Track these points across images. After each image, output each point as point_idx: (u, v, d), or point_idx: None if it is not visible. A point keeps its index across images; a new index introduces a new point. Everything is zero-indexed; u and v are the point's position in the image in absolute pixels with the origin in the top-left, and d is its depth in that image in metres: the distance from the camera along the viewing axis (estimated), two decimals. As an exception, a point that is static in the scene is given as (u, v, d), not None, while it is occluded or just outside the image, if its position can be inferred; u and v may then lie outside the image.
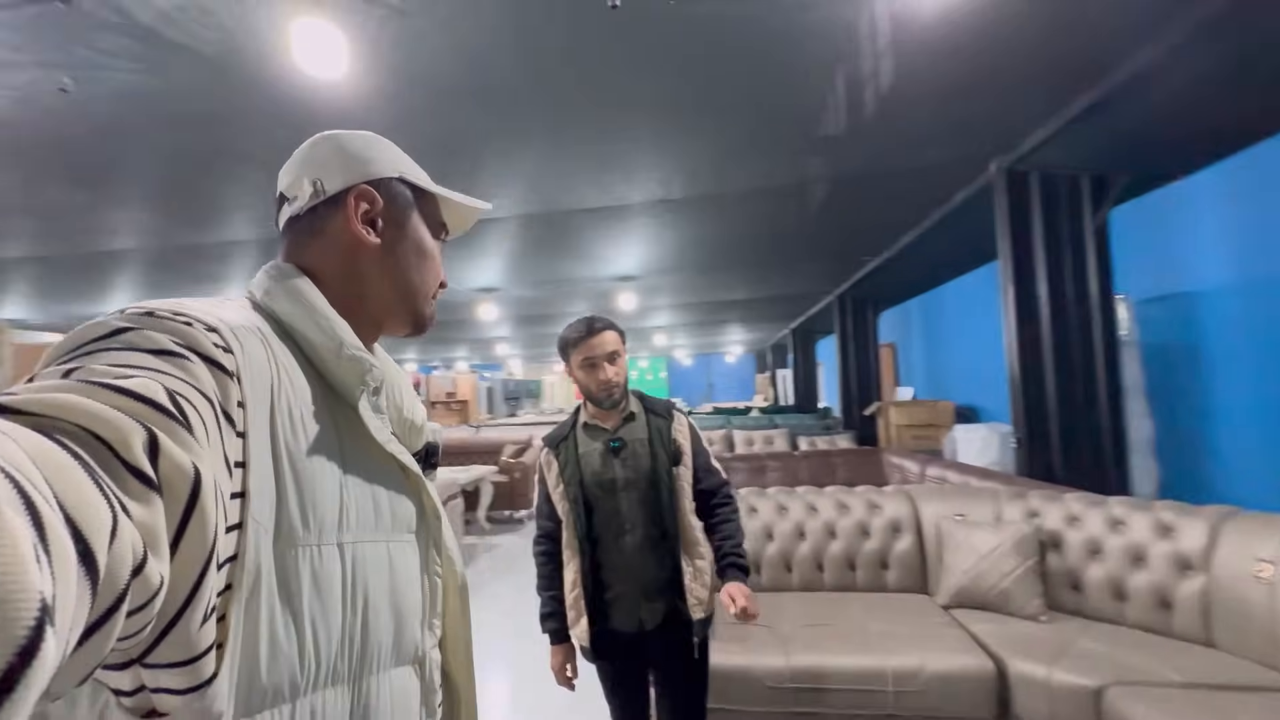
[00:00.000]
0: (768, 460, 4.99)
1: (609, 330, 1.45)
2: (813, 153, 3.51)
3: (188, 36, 2.18)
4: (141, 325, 0.41)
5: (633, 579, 1.42)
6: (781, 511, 2.57)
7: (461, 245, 5.30)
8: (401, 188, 0.64)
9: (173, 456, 0.33)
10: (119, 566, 0.27)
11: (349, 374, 0.54)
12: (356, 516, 0.52)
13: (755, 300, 9.02)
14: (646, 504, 1.42)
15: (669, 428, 1.48)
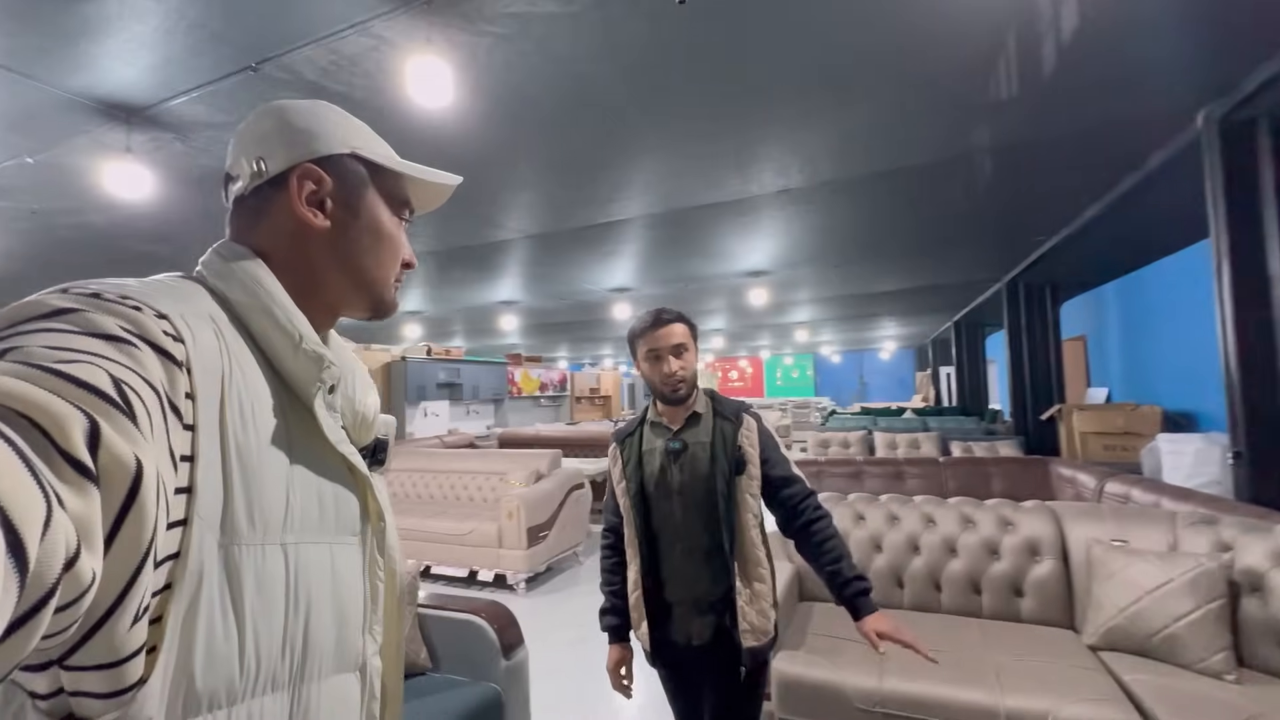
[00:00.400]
0: (906, 466, 4.55)
1: (677, 323, 1.40)
2: (972, 121, 3.12)
3: (343, 85, 2.59)
4: (86, 307, 0.38)
5: (685, 589, 1.35)
6: (893, 521, 2.35)
7: (593, 247, 5.58)
8: (354, 164, 0.59)
9: (113, 447, 0.32)
10: (50, 559, 0.26)
11: (305, 370, 0.51)
12: (301, 516, 0.50)
13: (908, 291, 8.25)
14: (701, 512, 1.34)
15: (735, 432, 1.37)
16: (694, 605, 1.34)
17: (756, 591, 1.32)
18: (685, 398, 1.39)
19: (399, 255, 0.63)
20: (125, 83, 2.55)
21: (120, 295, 0.41)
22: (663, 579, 1.37)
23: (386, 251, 0.61)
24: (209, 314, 0.48)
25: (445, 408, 8.58)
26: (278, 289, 0.53)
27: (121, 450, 0.32)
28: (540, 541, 4.03)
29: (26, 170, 3.32)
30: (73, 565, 0.28)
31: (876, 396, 19.28)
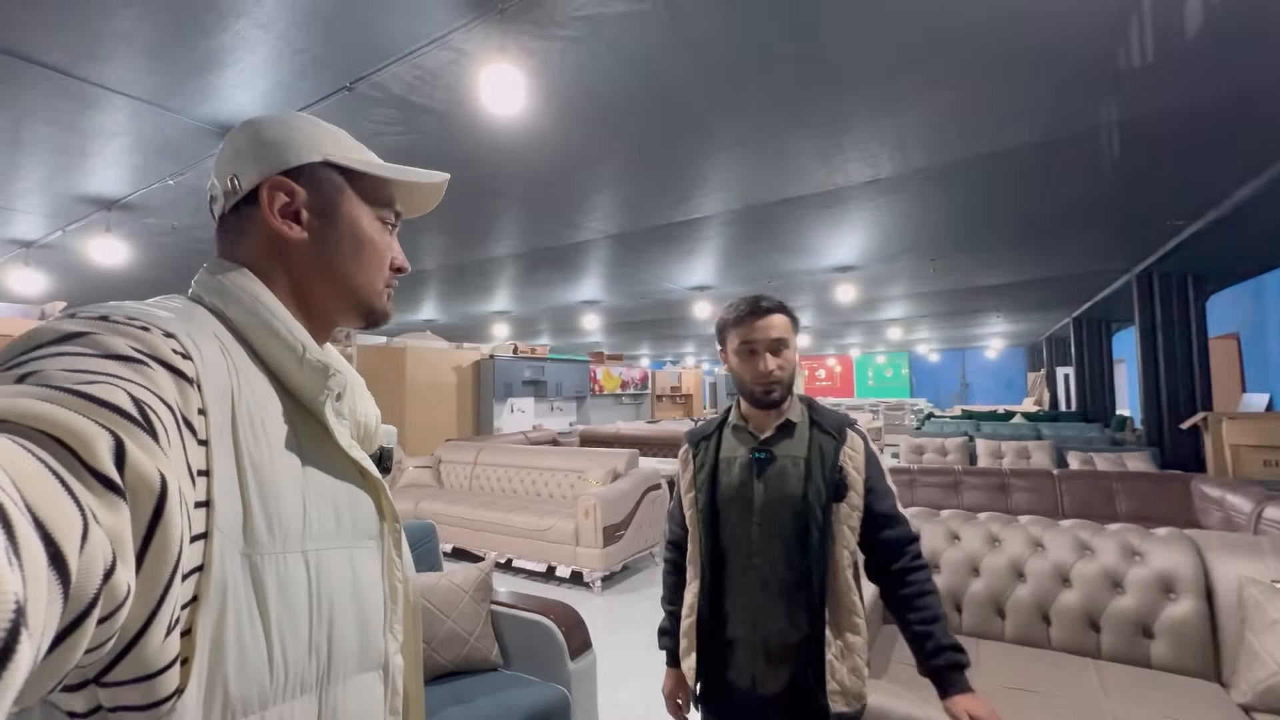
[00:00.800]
0: (1012, 479, 4.14)
1: (777, 314, 1.19)
2: (1092, 93, 2.78)
3: (426, 99, 2.71)
4: (97, 330, 0.39)
5: (751, 625, 1.16)
6: (994, 543, 2.12)
7: (672, 245, 5.54)
8: (327, 172, 0.57)
9: (138, 464, 0.32)
10: (90, 571, 0.27)
11: (311, 381, 0.52)
12: (319, 524, 0.51)
13: (1017, 285, 7.54)
14: (783, 538, 1.14)
15: (836, 450, 1.16)
16: (762, 647, 1.15)
17: (850, 644, 1.10)
18: (779, 401, 1.20)
19: (384, 260, 0.62)
20: (242, 109, 2.80)
21: (127, 317, 0.42)
22: (725, 609, 1.19)
23: (369, 258, 0.60)
24: (213, 332, 0.49)
25: (530, 404, 8.88)
26: (275, 303, 0.53)
27: (146, 466, 0.33)
28: (616, 540, 4.05)
29: (168, 191, 3.76)
30: (110, 577, 0.29)
31: (980, 399, 17.85)
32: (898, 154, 3.47)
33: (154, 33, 2.24)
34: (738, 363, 1.22)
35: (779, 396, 1.20)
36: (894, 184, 3.97)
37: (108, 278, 6.02)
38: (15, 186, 3.74)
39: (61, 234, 4.63)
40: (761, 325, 1.18)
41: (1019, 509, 3.98)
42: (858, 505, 1.15)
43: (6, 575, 0.20)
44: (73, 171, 3.53)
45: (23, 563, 0.22)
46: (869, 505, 1.16)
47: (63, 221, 4.41)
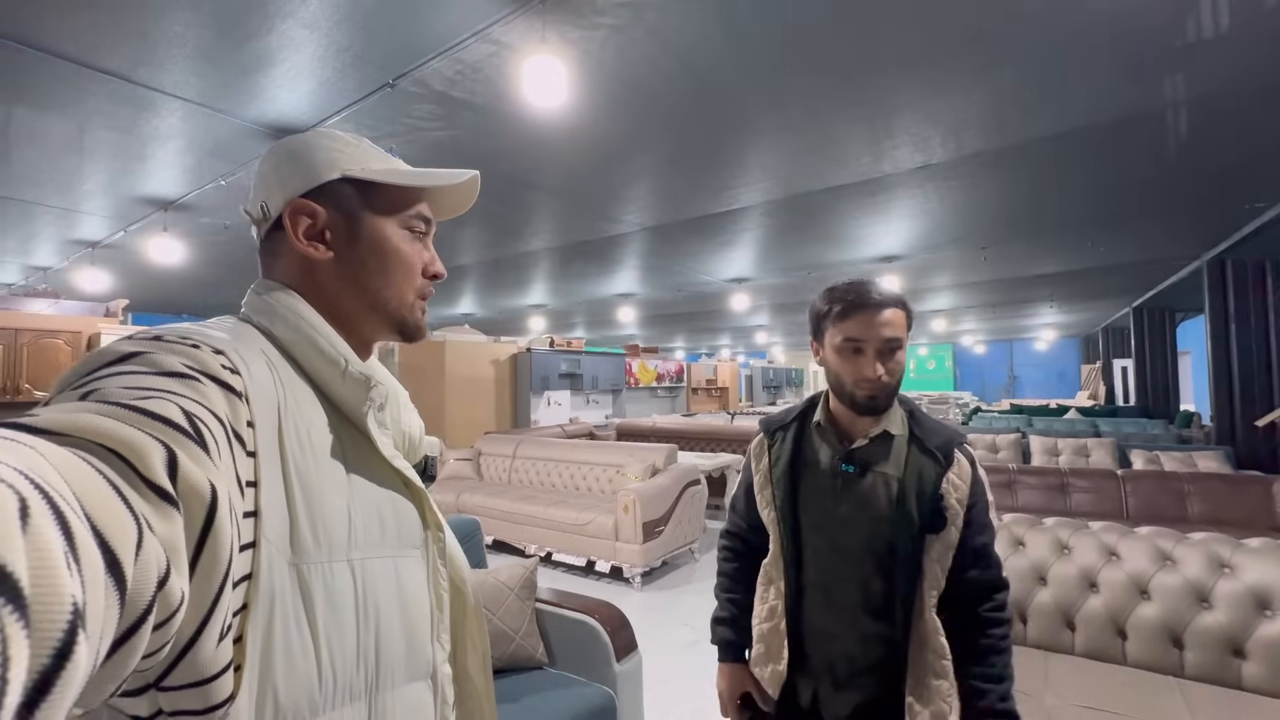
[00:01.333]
0: (1072, 478, 3.94)
1: (894, 308, 1.01)
2: (1160, 69, 2.58)
3: (467, 93, 2.70)
4: (152, 350, 0.42)
5: (820, 643, 1.07)
6: (1062, 551, 2.00)
7: (709, 237, 5.45)
8: (347, 188, 0.57)
9: (189, 475, 0.34)
10: (145, 578, 0.28)
11: (354, 393, 0.54)
12: (364, 533, 0.52)
13: (1072, 274, 7.18)
14: (861, 565, 1.02)
15: (939, 475, 1.00)
16: (828, 670, 1.06)
17: (934, 690, 0.97)
18: (881, 410, 1.04)
19: (413, 270, 0.60)
20: (288, 108, 2.85)
21: (180, 336, 0.44)
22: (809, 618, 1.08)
23: (395, 270, 0.59)
24: (260, 349, 0.51)
25: (567, 397, 8.92)
26: (318, 319, 0.55)
27: (197, 477, 0.34)
28: (656, 536, 4.02)
29: (220, 191, 3.87)
30: (164, 584, 0.30)
31: (1029, 392, 17.17)
32: (951, 138, 3.31)
33: (203, 35, 2.28)
34: (838, 361, 1.04)
35: (883, 405, 1.04)
36: (945, 169, 3.79)
37: (166, 275, 6.28)
38: (80, 189, 3.91)
39: (123, 234, 4.84)
40: (876, 321, 0.99)
41: (1080, 510, 3.79)
42: (953, 544, 0.98)
43: (66, 579, 0.21)
44: (132, 174, 3.66)
45: (82, 568, 0.23)
46: (963, 538, 0.99)
47: (124, 222, 4.60)
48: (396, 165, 0.61)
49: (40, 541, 0.21)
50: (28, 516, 0.21)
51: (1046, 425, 6.76)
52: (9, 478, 0.22)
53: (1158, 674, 1.75)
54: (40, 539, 0.21)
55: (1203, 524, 3.44)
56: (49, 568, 0.20)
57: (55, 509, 0.23)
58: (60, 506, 0.23)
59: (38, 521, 0.21)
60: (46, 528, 0.21)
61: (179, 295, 7.89)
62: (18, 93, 2.67)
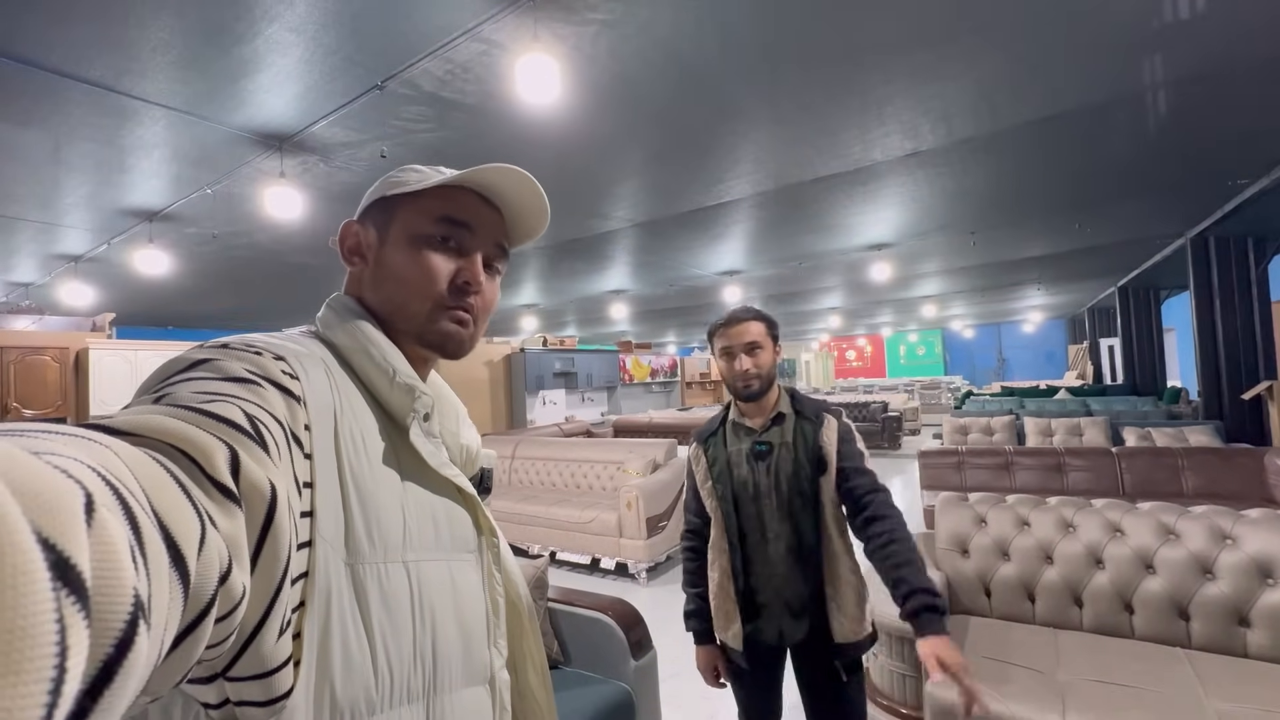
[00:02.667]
0: (1068, 458, 4.00)
1: (753, 321, 1.38)
2: (1144, 52, 2.61)
3: (457, 94, 2.67)
4: (218, 357, 0.44)
5: (774, 589, 1.34)
6: (1067, 530, 2.03)
7: (701, 230, 5.45)
8: (381, 206, 0.61)
9: (251, 474, 0.35)
10: (207, 572, 0.29)
11: (401, 401, 0.55)
12: (419, 535, 0.53)
13: (1059, 256, 7.26)
14: (790, 514, 1.33)
15: (815, 432, 1.35)
16: (785, 606, 1.33)
17: (842, 586, 1.30)
18: (757, 395, 1.37)
19: (431, 280, 0.59)
20: (275, 114, 2.81)
21: (245, 344, 0.47)
22: (752, 581, 1.36)
23: (410, 279, 0.59)
24: (320, 357, 0.53)
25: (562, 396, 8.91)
26: (373, 331, 0.57)
27: (258, 476, 0.36)
28: (660, 531, 4.03)
29: (206, 200, 3.82)
30: (226, 579, 0.31)
31: (1019, 374, 17.37)
32: (941, 124, 3.33)
33: (188, 42, 2.24)
34: (723, 365, 1.40)
35: (756, 390, 1.36)
36: (935, 156, 3.81)
37: (153, 287, 6.19)
38: (61, 203, 3.84)
39: (107, 247, 4.75)
40: (736, 331, 1.36)
41: (1077, 489, 3.84)
42: (833, 477, 1.32)
43: (129, 572, 0.21)
44: (115, 185, 3.60)
45: (148, 562, 0.24)
46: (840, 468, 1.32)
47: (108, 235, 4.53)
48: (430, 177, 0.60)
49: (105, 535, 0.21)
50: (93, 510, 0.21)
51: (1039, 406, 6.85)
52: (78, 473, 0.22)
53: (1165, 646, 1.79)
54: (105, 532, 0.21)
55: (1199, 498, 3.50)
56: (112, 560, 0.21)
57: (124, 504, 0.24)
58: (129, 502, 0.24)
59: (104, 515, 0.22)
60: (113, 522, 0.22)
61: (167, 307, 7.78)
62: (-3, 106, 2.61)
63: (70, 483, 0.21)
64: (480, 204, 0.62)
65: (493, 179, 0.60)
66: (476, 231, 0.61)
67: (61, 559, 0.19)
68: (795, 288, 8.97)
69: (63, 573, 0.19)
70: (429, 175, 0.60)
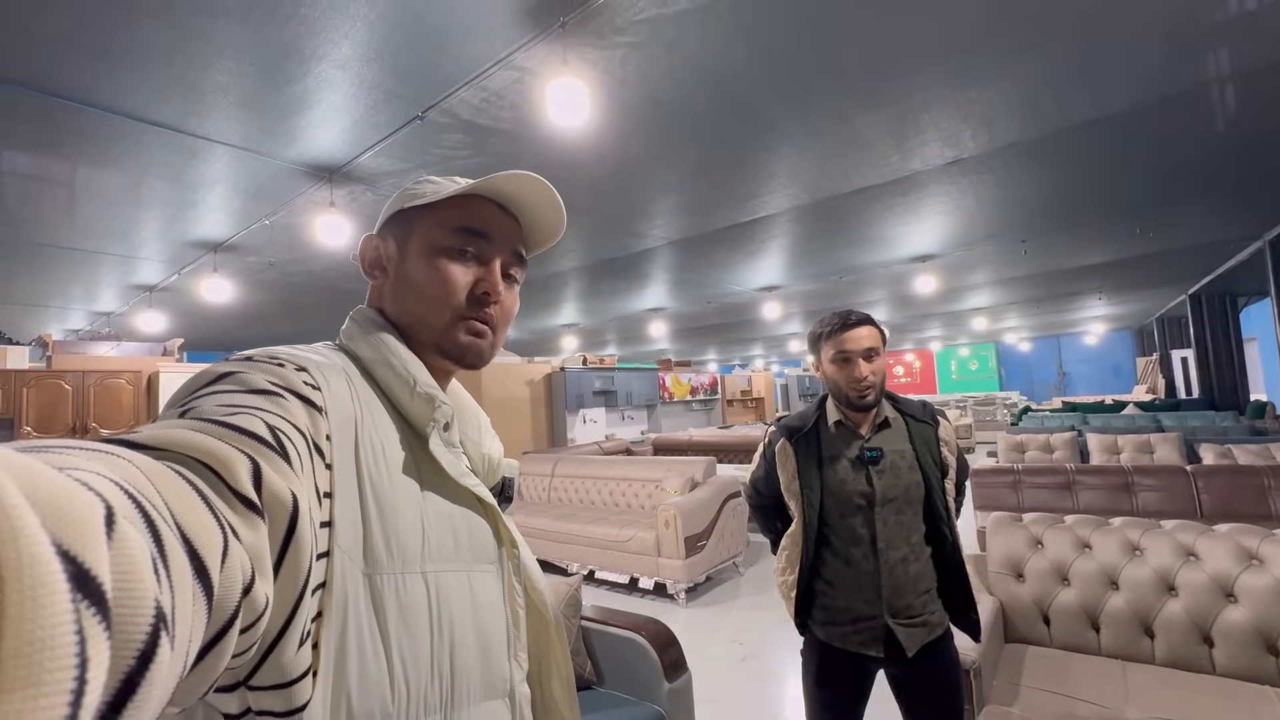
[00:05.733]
0: (1137, 476, 3.73)
1: (866, 325, 1.33)
2: (1207, 43, 2.47)
3: (492, 120, 2.76)
4: (242, 369, 0.45)
5: (880, 602, 1.29)
6: (1133, 553, 1.88)
7: (737, 247, 5.43)
8: (399, 219, 0.61)
9: (273, 485, 0.36)
10: (230, 584, 0.29)
11: (421, 410, 0.55)
12: (438, 545, 0.53)
13: (1123, 262, 6.87)
14: (904, 521, 1.30)
15: (935, 435, 1.34)
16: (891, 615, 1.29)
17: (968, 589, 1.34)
18: (873, 405, 1.33)
19: (449, 290, 0.59)
20: (325, 147, 2.97)
21: (269, 356, 0.48)
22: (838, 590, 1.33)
23: (426, 289, 0.59)
24: (343, 368, 0.53)
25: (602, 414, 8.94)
26: (395, 342, 0.58)
27: (280, 488, 0.36)
28: (698, 551, 3.96)
29: (265, 230, 4.05)
30: (249, 591, 0.31)
31: (1081, 389, 16.42)
32: (983, 130, 3.23)
33: (246, 84, 2.40)
34: (834, 370, 1.34)
35: (873, 400, 1.32)
36: (978, 163, 3.69)
37: (217, 313, 6.58)
38: (138, 236, 4.15)
39: (177, 276, 5.10)
40: (852, 337, 1.31)
41: (1148, 510, 3.58)
42: (954, 480, 1.35)
43: (150, 584, 0.22)
44: (184, 219, 3.87)
45: (170, 574, 0.24)
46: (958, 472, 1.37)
47: (178, 265, 4.85)
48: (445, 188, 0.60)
49: (127, 547, 0.21)
50: (114, 523, 0.21)
51: (1104, 422, 6.44)
52: (100, 487, 0.22)
53: (1252, 683, 1.62)
54: (126, 545, 0.21)
55: (1288, 520, 3.20)
56: (133, 572, 0.21)
57: (146, 516, 0.24)
58: (151, 514, 0.24)
59: (124, 528, 0.22)
60: (134, 534, 0.22)
61: (229, 332, 8.25)
62: (81, 151, 2.86)
63: (91, 495, 0.21)
64: (497, 212, 0.62)
65: (508, 187, 0.60)
66: (494, 240, 0.61)
67: (81, 570, 0.19)
68: (837, 302, 8.78)
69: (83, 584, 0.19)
70: (445, 185, 0.60)
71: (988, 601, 1.96)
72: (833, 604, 1.34)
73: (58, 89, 2.35)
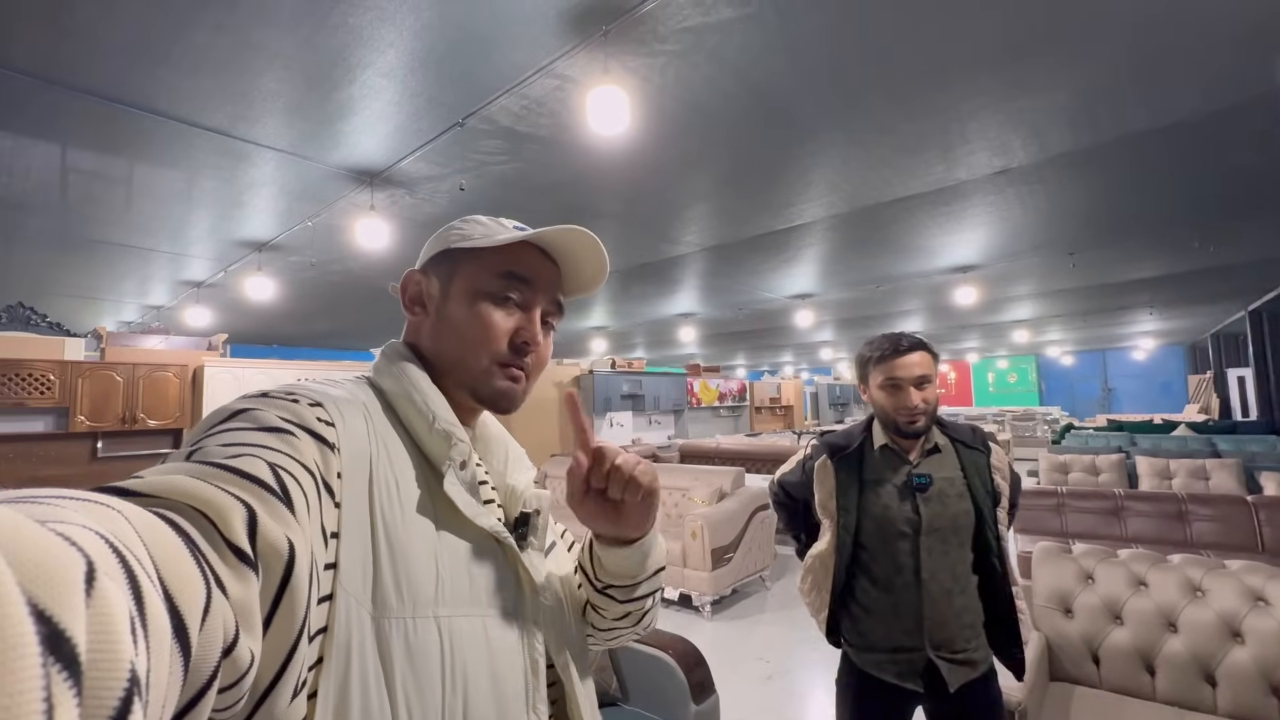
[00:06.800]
0: (1191, 505, 3.54)
1: (919, 351, 1.28)
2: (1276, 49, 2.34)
3: (531, 127, 2.77)
4: (256, 406, 0.45)
5: (921, 634, 1.24)
6: (1194, 594, 1.77)
7: (772, 254, 5.36)
8: (446, 258, 0.61)
9: (268, 534, 0.35)
10: (210, 644, 0.28)
11: (438, 447, 0.54)
12: (452, 588, 0.51)
13: (1174, 277, 6.57)
14: (949, 551, 1.24)
15: (987, 462, 1.29)
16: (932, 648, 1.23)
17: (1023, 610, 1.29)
18: (922, 433, 1.29)
19: (490, 337, 0.58)
20: (368, 152, 3.02)
21: (286, 392, 0.48)
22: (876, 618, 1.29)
23: (468, 334, 0.59)
24: (363, 402, 0.53)
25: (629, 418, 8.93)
26: (419, 376, 0.57)
27: (276, 536, 0.35)
28: (725, 564, 3.90)
29: (307, 232, 4.15)
30: (231, 650, 0.30)
31: (1127, 406, 15.78)
32: (1034, 140, 3.11)
33: (294, 90, 2.46)
34: (883, 397, 1.30)
35: (923, 427, 1.27)
36: (1027, 173, 3.56)
37: (259, 310, 6.78)
38: (189, 235, 4.29)
39: (223, 274, 5.26)
40: (903, 364, 1.26)
41: (1203, 542, 3.39)
42: (1005, 507, 1.29)
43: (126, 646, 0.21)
44: (232, 219, 3.99)
45: (149, 634, 0.23)
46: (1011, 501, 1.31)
47: (224, 263, 5.01)
48: (498, 234, 0.60)
49: (104, 605, 0.20)
50: (94, 580, 0.20)
51: (1154, 444, 6.15)
52: (83, 540, 0.22)
53: (1328, 743, 1.51)
54: (105, 603, 0.20)
55: (1361, 559, 2.99)
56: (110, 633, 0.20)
57: (129, 571, 0.23)
58: (134, 569, 0.24)
59: (104, 584, 0.21)
60: (114, 591, 0.21)
61: (271, 328, 8.50)
62: (139, 153, 2.97)
63: (72, 551, 0.20)
64: (542, 260, 0.62)
65: (559, 240, 0.61)
66: (537, 288, 0.61)
67: (56, 631, 0.18)
68: (871, 311, 8.61)
69: (56, 646, 0.18)
70: (494, 229, 0.61)
71: (1032, 636, 1.87)
72: (869, 630, 1.30)
73: (121, 95, 2.44)
